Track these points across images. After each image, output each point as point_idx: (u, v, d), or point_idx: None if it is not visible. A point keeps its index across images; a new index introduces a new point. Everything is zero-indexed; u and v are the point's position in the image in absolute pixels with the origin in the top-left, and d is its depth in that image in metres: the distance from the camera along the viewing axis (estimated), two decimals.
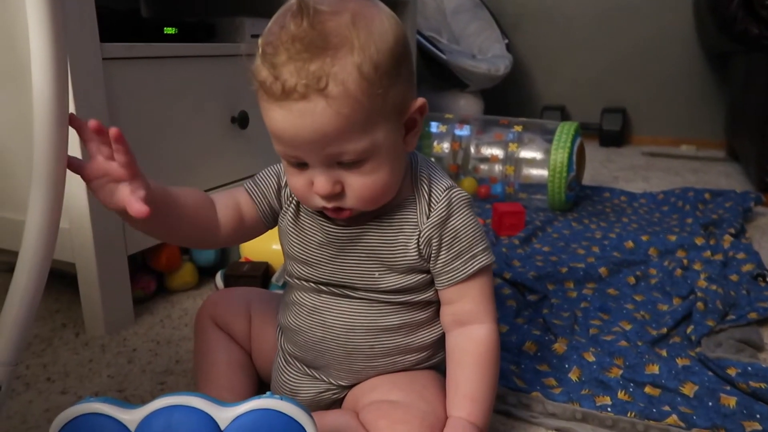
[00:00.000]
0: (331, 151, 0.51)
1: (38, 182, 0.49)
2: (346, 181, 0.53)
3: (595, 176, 1.95)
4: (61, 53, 0.50)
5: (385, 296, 0.59)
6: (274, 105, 0.50)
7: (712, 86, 2.48)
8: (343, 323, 0.60)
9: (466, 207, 0.59)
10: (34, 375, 0.78)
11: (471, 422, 0.56)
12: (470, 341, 0.59)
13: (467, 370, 0.59)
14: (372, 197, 0.54)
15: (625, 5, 2.53)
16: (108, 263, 0.87)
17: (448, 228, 0.58)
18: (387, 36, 0.50)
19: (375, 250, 0.58)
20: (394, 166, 0.54)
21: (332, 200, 0.54)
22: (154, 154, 0.93)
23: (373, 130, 0.51)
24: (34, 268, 0.49)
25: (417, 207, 0.58)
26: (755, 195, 1.52)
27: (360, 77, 0.48)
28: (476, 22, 2.55)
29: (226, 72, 1.04)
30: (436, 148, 1.64)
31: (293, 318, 0.62)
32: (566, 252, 1.20)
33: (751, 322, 0.88)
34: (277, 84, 0.48)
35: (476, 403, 0.57)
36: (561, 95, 2.73)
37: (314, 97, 0.48)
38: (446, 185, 0.59)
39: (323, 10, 0.48)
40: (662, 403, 0.69)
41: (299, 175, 0.54)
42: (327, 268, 0.59)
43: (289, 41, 0.48)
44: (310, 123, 0.49)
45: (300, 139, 0.50)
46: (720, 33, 1.80)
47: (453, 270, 0.58)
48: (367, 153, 0.51)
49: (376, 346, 0.60)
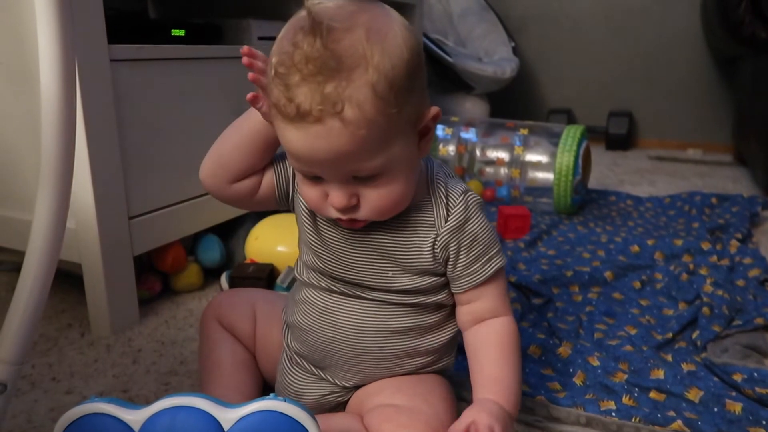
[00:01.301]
0: (348, 168, 0.51)
1: (45, 182, 0.50)
2: (362, 194, 0.53)
3: (601, 180, 1.94)
4: (69, 54, 0.50)
5: (397, 297, 0.59)
6: (289, 125, 0.50)
7: (719, 90, 2.47)
8: (353, 324, 0.60)
9: (481, 211, 0.59)
10: (40, 374, 0.79)
11: (498, 403, 0.55)
12: (491, 331, 0.60)
13: (491, 353, 0.59)
14: (387, 208, 0.55)
15: (632, 8, 2.53)
16: (114, 264, 0.87)
17: (466, 232, 0.58)
18: (401, 50, 0.49)
19: (389, 250, 0.58)
20: (409, 176, 0.55)
21: (347, 212, 0.54)
22: (161, 155, 0.94)
23: (388, 146, 0.51)
24: (41, 268, 0.49)
25: (434, 210, 0.58)
26: (762, 200, 1.52)
27: (375, 97, 0.48)
28: (483, 25, 2.55)
29: (233, 73, 1.05)
30: (441, 151, 1.64)
31: (302, 317, 0.62)
32: (571, 256, 1.19)
33: (757, 328, 0.87)
34: (292, 106, 0.48)
35: (502, 383, 0.57)
36: (567, 98, 2.72)
37: (329, 120, 0.47)
38: (462, 189, 0.59)
39: (336, 27, 0.47)
40: (667, 408, 0.69)
41: (314, 187, 0.54)
42: (339, 263, 0.59)
43: (302, 62, 0.47)
44: (326, 144, 0.49)
45: (316, 159, 0.50)
46: (727, 37, 1.79)
47: (471, 273, 0.59)
48: (383, 168, 0.52)
49: (385, 348, 0.60)
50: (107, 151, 0.84)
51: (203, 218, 1.03)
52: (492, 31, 2.54)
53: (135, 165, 0.89)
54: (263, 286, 0.97)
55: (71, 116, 0.51)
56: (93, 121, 0.81)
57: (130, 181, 0.89)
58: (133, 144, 0.89)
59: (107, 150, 0.84)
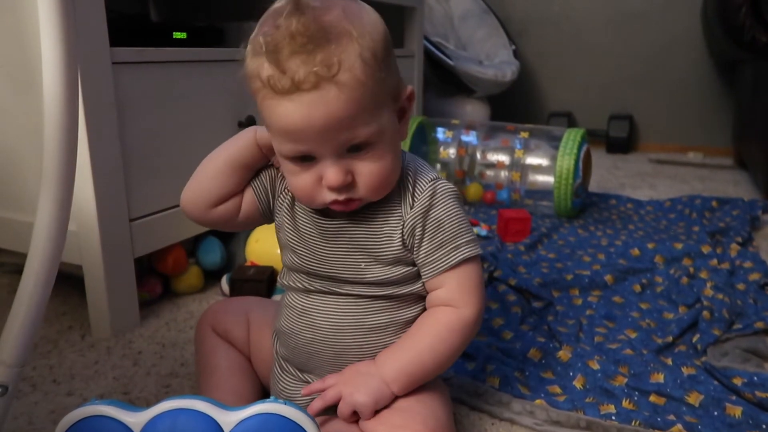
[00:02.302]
0: (344, 137, 0.52)
1: (47, 185, 0.50)
2: (356, 169, 0.54)
3: (602, 183, 1.94)
4: (71, 57, 0.50)
5: (371, 289, 0.60)
6: (282, 100, 0.50)
7: (720, 93, 2.47)
8: (330, 323, 0.60)
9: (451, 198, 0.59)
10: (41, 376, 0.79)
11: (383, 378, 0.57)
12: (430, 315, 0.60)
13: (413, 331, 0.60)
14: (380, 184, 0.55)
15: (633, 12, 2.53)
16: (115, 266, 0.87)
17: (430, 217, 0.58)
18: (377, 27, 0.53)
19: (361, 241, 0.59)
20: (395, 154, 0.56)
21: (343, 191, 0.54)
22: (162, 158, 0.94)
23: (378, 113, 0.53)
24: (42, 270, 0.49)
25: (401, 198, 0.59)
26: (763, 203, 1.52)
27: (363, 63, 0.50)
28: (483, 28, 2.55)
29: (234, 76, 1.05)
30: (442, 154, 1.64)
31: (285, 321, 0.63)
32: (572, 259, 1.19)
33: (757, 332, 0.87)
34: (285, 78, 0.49)
35: (401, 362, 0.58)
36: (568, 102, 2.72)
37: (325, 85, 0.49)
38: (431, 177, 0.60)
39: (317, 6, 0.50)
40: (667, 412, 0.69)
41: (305, 173, 0.55)
42: (315, 257, 0.60)
43: (289, 37, 0.49)
44: (324, 111, 0.50)
45: (311, 130, 0.51)
46: (728, 41, 1.79)
47: (436, 260, 0.58)
48: (375, 136, 0.53)
49: (364, 346, 0.60)
50: (108, 154, 0.84)
51: None
52: (493, 34, 2.55)
53: (136, 167, 0.90)
54: (264, 289, 0.97)
55: (73, 119, 0.51)
56: (94, 123, 0.82)
57: (131, 183, 0.89)
58: (134, 146, 0.89)
59: (108, 152, 0.84)
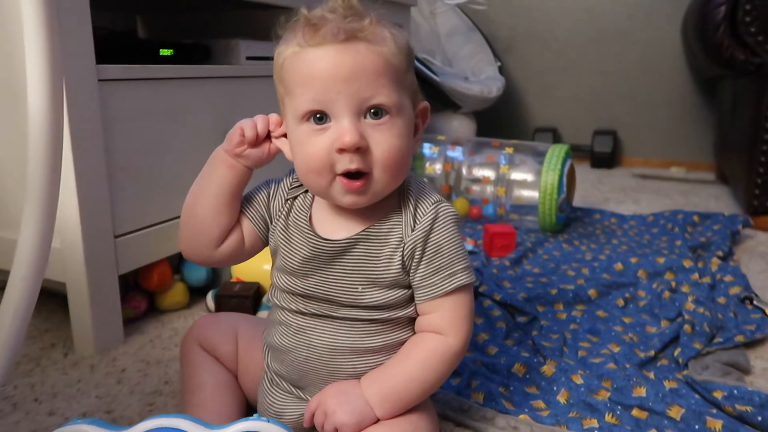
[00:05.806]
0: (366, 93, 0.53)
1: (31, 202, 0.50)
2: (372, 138, 0.54)
3: (586, 198, 1.97)
4: (57, 74, 0.51)
5: (367, 312, 0.60)
6: (311, 49, 0.53)
7: (701, 109, 2.52)
8: (326, 344, 0.60)
9: (452, 223, 0.60)
10: (22, 395, 0.78)
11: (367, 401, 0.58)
12: (418, 341, 0.60)
13: (400, 357, 0.60)
14: (394, 162, 0.55)
15: (616, 30, 2.58)
16: (99, 283, 0.87)
17: (430, 241, 0.58)
18: (402, 34, 0.57)
19: (359, 265, 0.59)
20: (409, 151, 0.57)
21: (355, 159, 0.54)
22: (148, 174, 0.94)
23: (400, 93, 0.55)
24: (25, 287, 0.49)
25: (403, 220, 0.59)
26: (743, 218, 1.54)
27: (394, 42, 0.54)
28: (469, 45, 2.58)
29: (221, 93, 1.05)
30: (428, 169, 1.65)
31: (280, 338, 0.63)
32: (556, 273, 1.20)
33: (738, 345, 0.89)
34: (318, 34, 0.52)
35: (387, 388, 0.58)
36: (553, 117, 2.76)
37: (356, 42, 0.52)
38: (434, 199, 0.60)
39: (354, 5, 0.54)
40: (649, 426, 0.70)
41: (317, 138, 0.54)
42: (311, 280, 0.60)
43: (330, 9, 0.53)
44: (352, 59, 0.52)
45: (336, 77, 0.52)
46: (708, 58, 1.83)
47: (431, 285, 0.59)
48: (396, 108, 0.54)
49: (358, 366, 0.60)
50: (93, 170, 0.84)
51: None
52: (479, 50, 2.58)
53: (121, 184, 0.89)
54: (249, 305, 0.97)
55: (58, 135, 0.51)
56: (80, 140, 0.82)
57: (116, 199, 0.89)
58: (119, 163, 0.89)
59: (94, 169, 0.84)
